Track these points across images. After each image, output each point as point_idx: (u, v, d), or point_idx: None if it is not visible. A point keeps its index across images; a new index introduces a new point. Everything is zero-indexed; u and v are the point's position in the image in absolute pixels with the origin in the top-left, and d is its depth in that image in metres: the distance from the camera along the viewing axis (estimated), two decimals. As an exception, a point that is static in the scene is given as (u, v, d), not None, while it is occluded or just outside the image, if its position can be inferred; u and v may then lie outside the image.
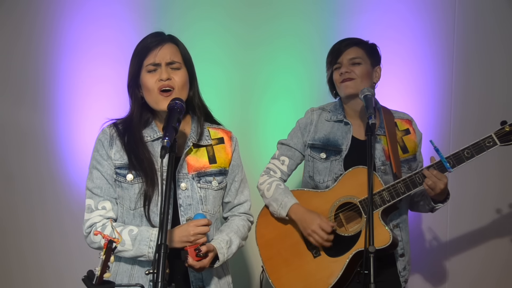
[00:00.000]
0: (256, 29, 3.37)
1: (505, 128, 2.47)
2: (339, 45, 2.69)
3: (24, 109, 3.32)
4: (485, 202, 3.39)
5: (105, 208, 2.14)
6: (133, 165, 2.12)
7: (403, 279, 2.64)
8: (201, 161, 2.20)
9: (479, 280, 3.40)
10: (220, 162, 2.23)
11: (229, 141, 2.28)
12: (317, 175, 2.65)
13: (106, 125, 2.21)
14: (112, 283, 1.83)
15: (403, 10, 3.40)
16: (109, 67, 3.29)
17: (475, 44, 3.42)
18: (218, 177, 2.21)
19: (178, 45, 2.18)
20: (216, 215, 2.24)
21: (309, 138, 2.69)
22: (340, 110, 2.70)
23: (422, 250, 3.43)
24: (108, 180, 2.15)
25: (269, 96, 3.39)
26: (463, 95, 3.42)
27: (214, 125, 2.29)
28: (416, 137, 2.70)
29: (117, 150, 2.15)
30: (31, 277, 3.32)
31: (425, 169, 2.47)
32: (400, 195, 2.49)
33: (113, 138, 2.17)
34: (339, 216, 2.57)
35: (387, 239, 2.43)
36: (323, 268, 2.52)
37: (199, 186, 2.17)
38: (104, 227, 2.11)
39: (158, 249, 1.80)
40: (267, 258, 2.62)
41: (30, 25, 3.31)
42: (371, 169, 2.25)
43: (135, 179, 2.12)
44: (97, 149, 2.17)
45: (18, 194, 3.32)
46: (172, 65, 2.12)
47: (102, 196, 2.15)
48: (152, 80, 2.11)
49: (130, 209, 2.14)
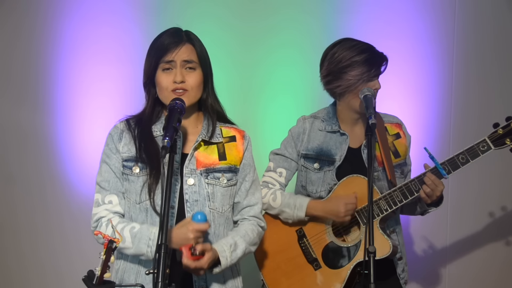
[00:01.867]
0: (255, 23, 3.36)
1: (498, 131, 2.45)
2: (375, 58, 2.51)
3: (25, 109, 3.31)
4: (485, 204, 3.38)
5: (111, 202, 2.15)
6: (140, 157, 2.14)
7: (403, 281, 2.63)
8: (211, 158, 2.19)
9: (480, 283, 3.39)
10: (230, 159, 2.21)
11: (241, 140, 2.26)
12: (310, 185, 2.61)
13: (119, 121, 2.24)
14: (112, 283, 1.83)
15: (403, 10, 3.40)
16: (110, 65, 3.29)
17: (475, 44, 3.41)
18: (227, 174, 2.19)
19: (195, 45, 2.18)
20: (225, 214, 2.20)
21: (302, 148, 2.62)
22: (334, 120, 2.61)
23: (422, 253, 3.42)
24: (116, 174, 2.17)
25: (268, 93, 3.37)
26: (463, 95, 3.41)
27: (227, 124, 2.29)
28: (407, 141, 2.67)
29: (126, 143, 2.17)
30: (31, 277, 3.32)
31: (422, 176, 2.46)
32: (397, 204, 2.47)
33: (123, 132, 2.19)
34: (337, 227, 2.56)
35: (388, 249, 2.43)
36: (325, 280, 2.50)
37: (207, 182, 2.16)
38: (109, 223, 2.11)
39: (158, 249, 1.79)
40: (267, 272, 2.59)
41: (30, 25, 3.30)
42: (371, 168, 2.20)
43: (141, 171, 2.14)
44: (107, 143, 2.20)
45: (18, 194, 3.32)
46: (187, 65, 2.13)
47: (109, 190, 2.16)
48: (166, 80, 2.11)
49: (136, 202, 2.14)
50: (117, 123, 2.23)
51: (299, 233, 2.59)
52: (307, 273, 2.54)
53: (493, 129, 2.47)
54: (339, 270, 2.49)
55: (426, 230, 3.42)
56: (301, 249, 2.57)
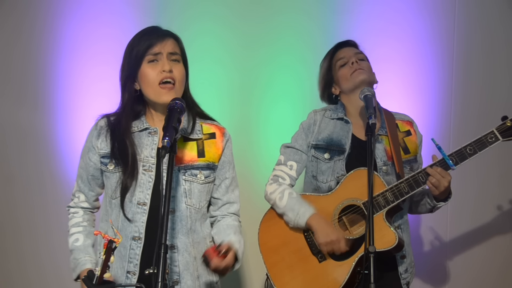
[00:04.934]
0: (257, 27, 3.36)
1: (506, 123, 2.47)
2: (337, 44, 2.70)
3: (25, 109, 3.31)
4: (485, 201, 3.39)
5: (79, 198, 2.31)
6: (114, 154, 2.17)
7: (404, 282, 2.62)
8: (190, 155, 2.20)
9: (480, 280, 3.39)
10: (208, 156, 2.23)
11: (221, 137, 2.28)
12: (321, 175, 2.63)
13: (100, 117, 2.27)
14: (112, 283, 1.83)
15: (403, 10, 3.40)
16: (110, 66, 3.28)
17: (475, 44, 3.41)
18: (205, 171, 2.21)
19: (178, 40, 2.22)
20: (202, 210, 2.23)
21: (313, 138, 2.65)
22: (341, 109, 2.68)
23: (422, 251, 3.43)
24: (89, 171, 2.24)
25: (270, 96, 3.38)
26: (463, 95, 3.41)
27: (208, 121, 2.30)
28: (417, 139, 2.70)
29: (103, 140, 2.21)
30: (31, 277, 3.32)
31: (428, 167, 2.47)
32: (404, 195, 2.47)
33: (102, 129, 2.23)
34: (342, 219, 2.56)
35: (393, 240, 2.42)
36: (329, 273, 2.50)
37: (184, 178, 2.17)
38: (73, 216, 2.30)
39: (158, 249, 1.80)
40: (271, 265, 2.59)
41: (30, 25, 3.31)
42: (371, 169, 2.23)
43: (115, 168, 2.17)
44: (87, 140, 2.28)
45: (18, 194, 3.32)
46: (172, 56, 2.15)
47: (80, 185, 2.28)
48: (153, 72, 2.13)
49: (111, 198, 2.19)
50: (98, 119, 2.27)
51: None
52: (312, 265, 2.54)
53: (501, 121, 2.48)
54: (343, 262, 2.48)
55: (426, 228, 3.42)
56: (307, 241, 2.57)
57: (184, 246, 2.17)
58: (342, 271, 2.47)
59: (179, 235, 2.16)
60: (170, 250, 2.13)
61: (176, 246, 2.16)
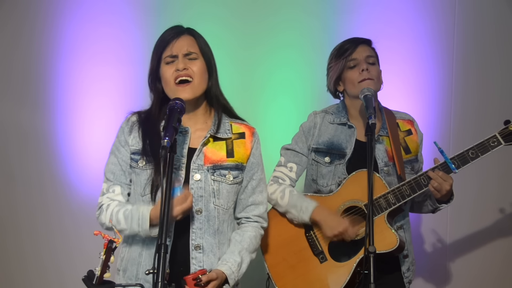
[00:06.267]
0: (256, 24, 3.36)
1: (509, 127, 2.46)
2: (352, 40, 2.63)
3: (25, 109, 3.31)
4: (485, 203, 3.38)
5: (114, 192, 2.21)
6: (146, 151, 2.17)
7: (407, 280, 2.63)
8: (219, 154, 2.20)
9: (480, 281, 3.39)
10: (237, 156, 2.22)
11: (250, 137, 2.27)
12: (321, 179, 2.62)
13: (130, 114, 2.27)
14: (112, 283, 1.83)
15: (403, 10, 3.40)
16: (110, 66, 3.30)
17: (475, 44, 3.41)
18: (233, 172, 2.20)
19: (195, 36, 2.23)
20: (230, 211, 2.22)
21: (313, 142, 2.64)
22: (344, 113, 2.65)
23: (422, 251, 3.43)
24: (122, 167, 2.21)
25: (268, 94, 3.37)
26: (463, 95, 3.41)
27: (238, 121, 2.30)
28: (418, 138, 2.69)
29: (135, 137, 2.21)
30: (32, 277, 3.32)
31: (430, 171, 2.46)
32: (406, 198, 2.47)
33: (134, 125, 2.23)
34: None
35: (394, 242, 2.42)
36: (331, 273, 2.49)
37: (213, 178, 2.16)
38: (108, 206, 2.17)
39: (158, 249, 1.79)
40: (272, 265, 2.58)
41: (30, 25, 3.31)
42: (371, 169, 2.22)
43: (146, 165, 2.17)
44: (118, 135, 2.25)
45: (18, 194, 3.32)
46: (189, 56, 2.17)
47: (113, 181, 2.22)
48: (169, 71, 2.15)
49: (140, 195, 2.17)
50: (128, 115, 2.27)
51: (307, 226, 2.59)
52: (313, 266, 2.53)
53: (504, 125, 2.48)
54: (345, 263, 2.48)
55: (426, 228, 3.42)
56: (308, 242, 2.56)
57: (210, 247, 2.15)
58: (343, 272, 2.47)
59: (205, 236, 2.14)
60: (196, 250, 2.12)
61: (202, 246, 2.13)
